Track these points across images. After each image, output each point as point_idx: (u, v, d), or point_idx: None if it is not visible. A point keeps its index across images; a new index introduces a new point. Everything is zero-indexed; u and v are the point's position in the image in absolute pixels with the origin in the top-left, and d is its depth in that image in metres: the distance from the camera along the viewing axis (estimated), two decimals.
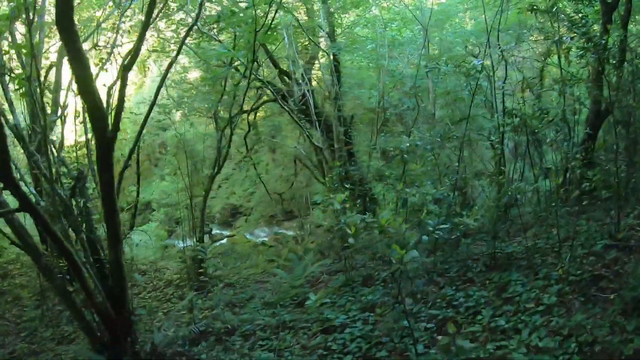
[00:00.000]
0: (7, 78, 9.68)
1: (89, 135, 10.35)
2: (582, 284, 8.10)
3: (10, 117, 10.03)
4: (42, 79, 11.71)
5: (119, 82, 8.71)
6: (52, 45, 15.09)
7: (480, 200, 13.06)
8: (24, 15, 7.73)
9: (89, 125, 9.84)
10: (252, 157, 21.26)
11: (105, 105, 8.36)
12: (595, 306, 7.54)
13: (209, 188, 13.92)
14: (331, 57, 16.31)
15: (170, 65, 10.55)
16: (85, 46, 14.48)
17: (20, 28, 11.48)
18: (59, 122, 11.34)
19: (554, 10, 10.12)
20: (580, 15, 11.60)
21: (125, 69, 8.31)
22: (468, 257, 10.62)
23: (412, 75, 15.66)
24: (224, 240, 20.66)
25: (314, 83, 18.16)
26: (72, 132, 11.25)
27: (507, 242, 11.37)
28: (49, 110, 12.12)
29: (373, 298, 9.66)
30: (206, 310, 11.79)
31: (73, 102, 10.71)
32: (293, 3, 16.69)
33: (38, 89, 9.19)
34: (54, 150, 10.66)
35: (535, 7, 10.61)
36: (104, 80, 10.97)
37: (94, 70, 8.94)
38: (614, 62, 10.92)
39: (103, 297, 8.83)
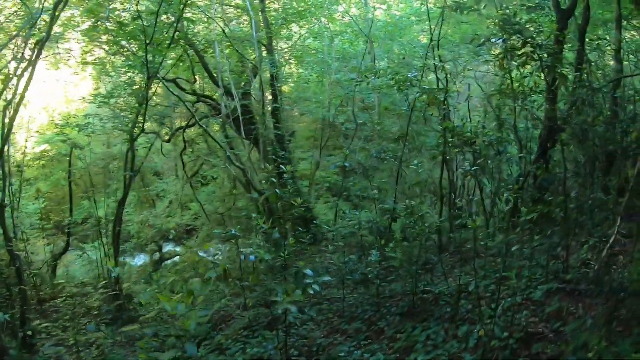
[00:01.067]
0: None
1: None
2: (507, 350, 5.58)
3: None
4: None
5: None
6: None
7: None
8: None
9: None
10: (187, 174, 18.63)
11: None
12: None
13: (120, 212, 11.38)
14: (261, 70, 13.75)
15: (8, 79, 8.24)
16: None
17: None
18: None
19: (482, 7, 7.64)
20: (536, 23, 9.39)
21: None
22: (390, 296, 8.16)
23: (361, 89, 13.28)
24: (177, 258, 18.31)
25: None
26: None
27: (441, 277, 8.91)
28: None
29: (260, 351, 7.14)
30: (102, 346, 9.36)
31: None
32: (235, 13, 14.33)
33: None
34: None
35: (459, 2, 8.16)
36: None
37: None
38: (564, 71, 8.56)
39: None
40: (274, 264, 6.41)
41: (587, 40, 11.04)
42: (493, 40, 7.85)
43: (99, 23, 12.93)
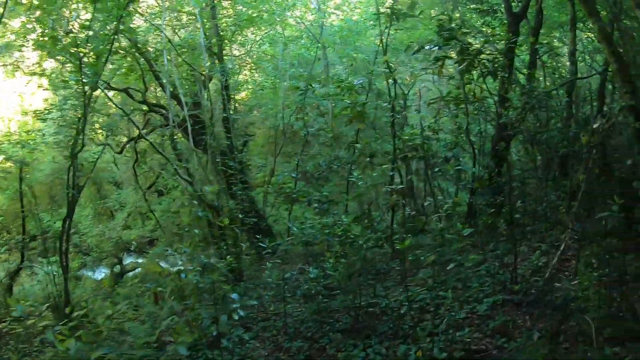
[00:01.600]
0: None
1: None
2: None
3: None
4: None
5: None
6: None
7: None
8: None
9: None
10: (141, 186, 17.93)
11: None
12: None
13: (66, 230, 10.71)
14: (211, 78, 13.17)
15: None
16: None
17: None
18: None
19: (418, 14, 7.26)
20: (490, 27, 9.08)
21: None
22: (336, 310, 7.74)
23: (316, 96, 12.84)
24: (138, 270, 17.65)
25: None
26: None
27: (392, 287, 8.50)
28: None
29: None
30: None
31: None
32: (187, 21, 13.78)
33: None
34: None
35: (395, 10, 7.77)
36: None
37: None
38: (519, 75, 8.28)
39: None
40: (204, 287, 5.95)
41: (539, 43, 10.80)
42: (427, 47, 7.46)
43: (46, 31, 12.37)
